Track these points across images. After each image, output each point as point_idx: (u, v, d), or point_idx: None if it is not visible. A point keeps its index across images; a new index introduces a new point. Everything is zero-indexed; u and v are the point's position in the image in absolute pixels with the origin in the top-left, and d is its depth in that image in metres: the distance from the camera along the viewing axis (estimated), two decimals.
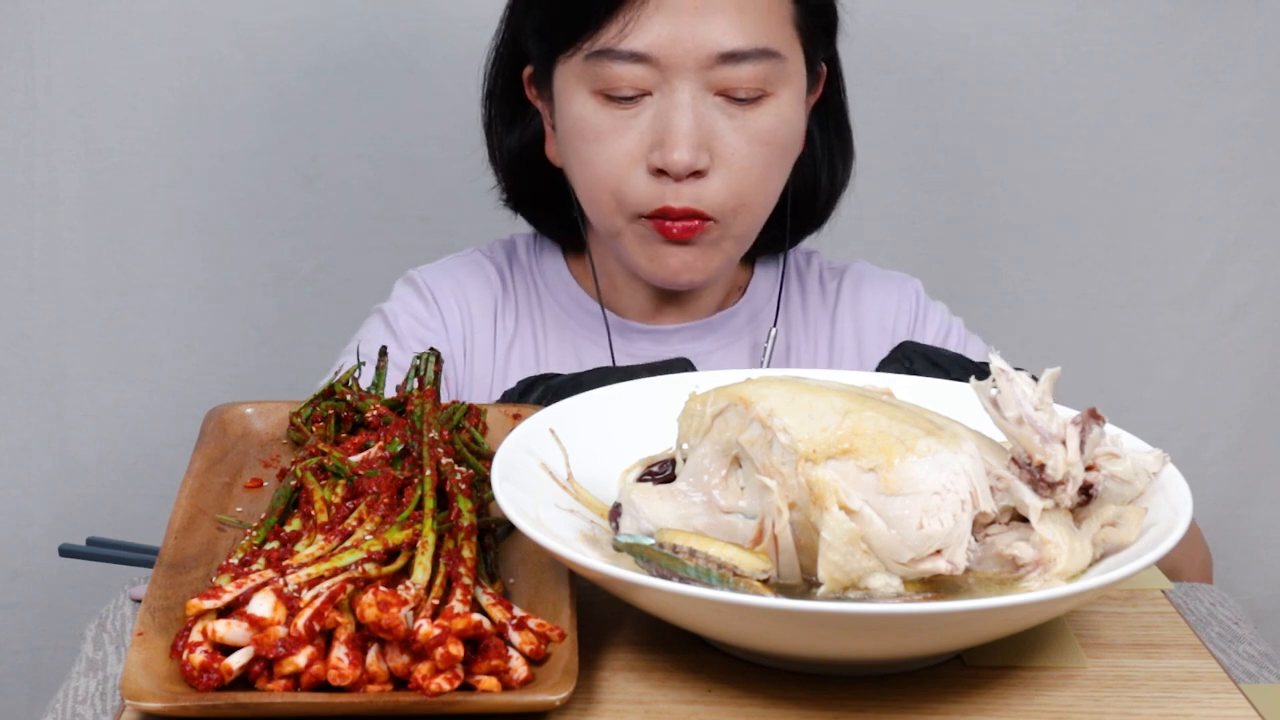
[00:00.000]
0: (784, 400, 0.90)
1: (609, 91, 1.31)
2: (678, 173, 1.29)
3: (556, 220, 1.48)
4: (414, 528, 0.89)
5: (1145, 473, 0.93)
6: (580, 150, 1.34)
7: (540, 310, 1.46)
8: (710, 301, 1.47)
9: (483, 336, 1.45)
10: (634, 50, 1.29)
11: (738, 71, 1.30)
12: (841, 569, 0.86)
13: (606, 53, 1.30)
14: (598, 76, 1.31)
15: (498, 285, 1.48)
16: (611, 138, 1.31)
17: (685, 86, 1.29)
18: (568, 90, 1.34)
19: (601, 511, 0.97)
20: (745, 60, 1.30)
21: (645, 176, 1.31)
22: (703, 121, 1.30)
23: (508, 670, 0.81)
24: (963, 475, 0.87)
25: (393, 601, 0.80)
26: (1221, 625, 1.68)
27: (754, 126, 1.32)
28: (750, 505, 0.91)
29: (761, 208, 1.36)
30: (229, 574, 0.86)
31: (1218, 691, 0.86)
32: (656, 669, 0.87)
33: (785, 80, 1.33)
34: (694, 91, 1.29)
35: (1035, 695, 0.85)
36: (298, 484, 0.98)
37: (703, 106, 1.30)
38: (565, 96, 1.35)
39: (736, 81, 1.30)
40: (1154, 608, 0.96)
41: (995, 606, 0.80)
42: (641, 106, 1.31)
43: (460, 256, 1.53)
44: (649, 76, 1.30)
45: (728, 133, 1.31)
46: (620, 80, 1.30)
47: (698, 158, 1.29)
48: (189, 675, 0.79)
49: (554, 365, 1.44)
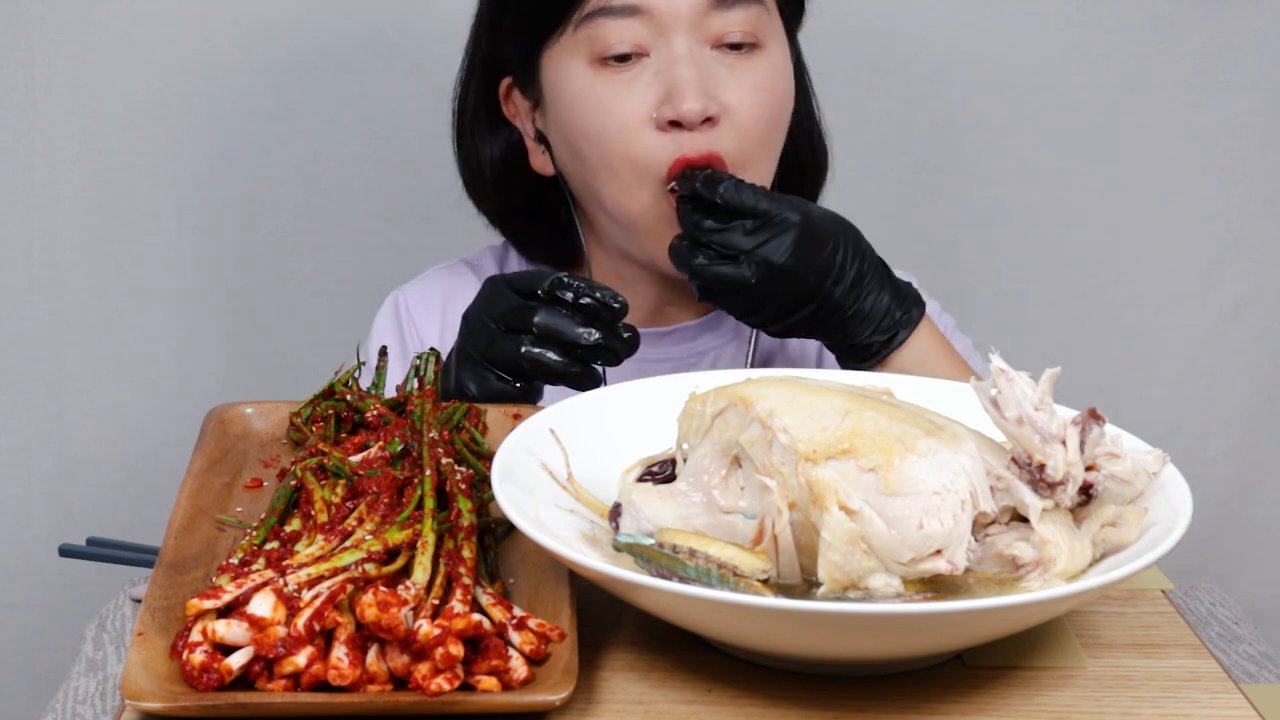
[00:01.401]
0: (784, 400, 0.90)
1: (605, 53, 1.31)
2: (691, 121, 1.30)
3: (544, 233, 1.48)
4: (414, 528, 0.89)
5: (1145, 473, 0.93)
6: (586, 126, 1.34)
7: None
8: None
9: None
10: (627, 3, 1.29)
11: (729, 17, 1.32)
12: (841, 569, 0.86)
13: (599, 11, 1.30)
14: (593, 40, 1.31)
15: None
16: (616, 104, 1.32)
17: (681, 39, 1.30)
18: (561, 70, 1.34)
19: (601, 511, 0.97)
20: (735, 4, 1.31)
21: (656, 134, 1.31)
22: (705, 71, 1.30)
23: (508, 670, 0.81)
24: (963, 475, 0.87)
25: (393, 601, 0.80)
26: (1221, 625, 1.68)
27: (753, 75, 1.33)
28: (750, 505, 0.91)
29: (766, 166, 1.36)
30: (229, 574, 0.86)
31: (1218, 691, 0.86)
32: (656, 669, 0.87)
33: (773, 33, 1.36)
34: (690, 44, 1.31)
35: (1035, 695, 0.85)
36: (298, 484, 0.98)
37: (701, 58, 1.31)
38: (560, 78, 1.34)
39: (729, 26, 1.32)
40: (1154, 608, 0.96)
41: (995, 606, 0.80)
42: (639, 67, 1.31)
43: (446, 268, 1.54)
44: (644, 32, 1.30)
45: (729, 81, 1.32)
46: (616, 37, 1.30)
47: (707, 105, 1.30)
48: (189, 675, 0.80)
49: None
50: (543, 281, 1.17)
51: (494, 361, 1.19)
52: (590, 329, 1.16)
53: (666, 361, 1.43)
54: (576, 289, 1.16)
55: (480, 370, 1.19)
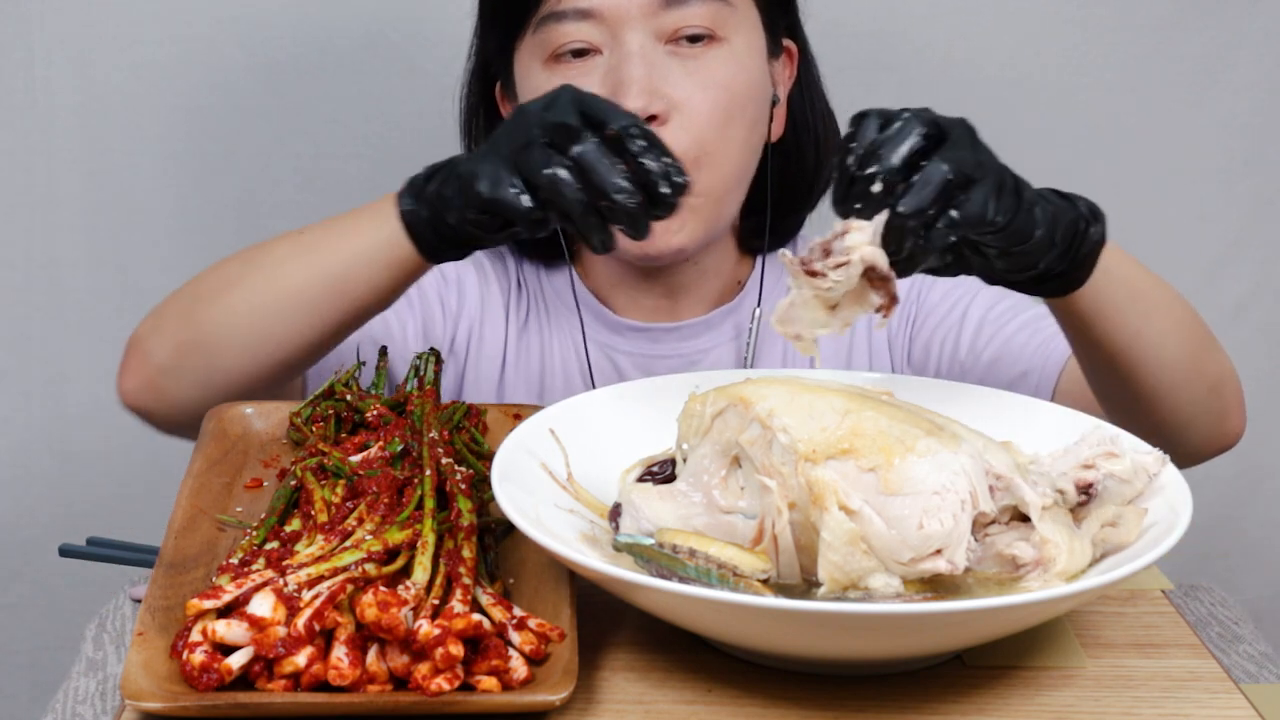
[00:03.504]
0: (784, 400, 0.90)
1: (558, 52, 1.31)
2: None
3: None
4: (414, 528, 0.89)
5: (1145, 472, 0.94)
6: None
7: (544, 306, 1.47)
8: (708, 297, 1.46)
9: (493, 321, 1.45)
10: (578, 8, 1.30)
11: (684, 11, 1.31)
12: (841, 569, 0.86)
13: (552, 15, 1.31)
14: (547, 43, 1.32)
15: (514, 275, 1.48)
16: None
17: (633, 36, 1.30)
18: (524, 70, 1.35)
19: (601, 511, 0.97)
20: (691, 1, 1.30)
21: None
22: (654, 69, 1.30)
23: (508, 670, 0.81)
24: (963, 475, 0.87)
25: (393, 601, 0.80)
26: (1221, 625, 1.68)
27: (707, 71, 1.32)
28: (750, 505, 0.91)
29: (728, 162, 1.35)
30: (229, 574, 0.86)
31: (1218, 691, 0.86)
32: (656, 669, 0.87)
33: (737, 28, 1.34)
34: (643, 40, 1.30)
35: (1035, 695, 0.86)
36: (298, 484, 0.98)
37: (653, 55, 1.31)
38: (522, 77, 1.36)
39: (684, 21, 1.31)
40: (1154, 608, 0.96)
41: (995, 606, 0.80)
42: (592, 65, 1.31)
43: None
44: (596, 33, 1.31)
45: (681, 78, 1.31)
46: (568, 37, 1.31)
47: (650, 103, 1.29)
48: (189, 675, 0.80)
49: (556, 361, 1.44)
50: (615, 120, 1.01)
51: (519, 166, 1.03)
52: (633, 192, 0.98)
53: (670, 358, 1.44)
54: (645, 146, 1.00)
55: (500, 169, 1.03)
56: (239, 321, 1.16)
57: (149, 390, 1.20)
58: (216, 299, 1.17)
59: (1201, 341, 1.21)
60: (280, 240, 1.19)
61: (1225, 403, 1.25)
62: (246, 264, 1.19)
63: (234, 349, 1.16)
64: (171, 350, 1.18)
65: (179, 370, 1.18)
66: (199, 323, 1.18)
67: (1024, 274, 1.02)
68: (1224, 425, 1.26)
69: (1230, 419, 1.27)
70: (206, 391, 1.17)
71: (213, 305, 1.17)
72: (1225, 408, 1.25)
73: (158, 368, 1.19)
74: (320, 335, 1.16)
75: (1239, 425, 1.29)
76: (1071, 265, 1.04)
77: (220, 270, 1.20)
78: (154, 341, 1.20)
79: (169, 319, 1.21)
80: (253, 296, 1.16)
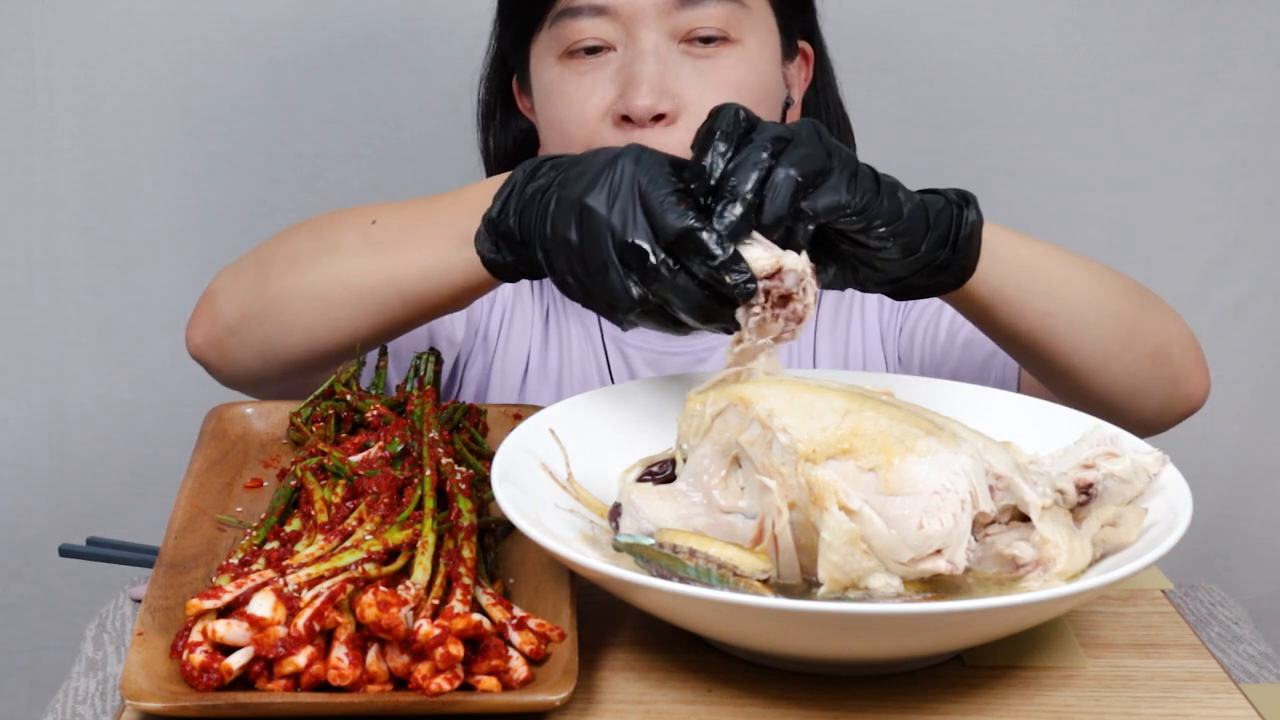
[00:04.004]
0: (784, 400, 0.90)
1: (572, 48, 1.32)
2: (640, 117, 1.29)
3: None
4: (414, 528, 0.89)
5: (1145, 472, 0.94)
6: (552, 117, 1.35)
7: (559, 297, 1.47)
8: None
9: (524, 309, 1.46)
10: (594, 4, 1.30)
11: (698, 12, 1.31)
12: (841, 569, 0.86)
13: (568, 11, 1.31)
14: (562, 38, 1.32)
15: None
16: (578, 96, 1.32)
17: (647, 35, 1.30)
18: (539, 64, 1.36)
19: (601, 511, 0.97)
20: (706, 1, 1.30)
21: (612, 129, 1.32)
22: (666, 68, 1.31)
23: (508, 670, 0.81)
24: (963, 475, 0.87)
25: (393, 601, 0.80)
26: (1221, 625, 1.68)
27: (719, 72, 1.32)
28: (750, 505, 0.91)
29: None
30: (229, 574, 0.86)
31: (1218, 692, 0.86)
32: (656, 669, 0.87)
33: (751, 29, 1.34)
34: (656, 40, 1.31)
35: (1035, 695, 0.85)
36: (298, 484, 0.98)
37: (666, 53, 1.31)
38: (537, 71, 1.37)
39: (699, 22, 1.31)
40: (1154, 608, 0.96)
41: (995, 606, 0.80)
42: (605, 61, 1.32)
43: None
44: (611, 30, 1.31)
45: (693, 77, 1.31)
46: (582, 34, 1.31)
47: (659, 101, 1.29)
48: (189, 675, 0.80)
49: (574, 354, 1.44)
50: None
51: (624, 260, 0.94)
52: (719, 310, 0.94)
53: (680, 354, 1.44)
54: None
55: (610, 258, 0.94)
56: (303, 305, 1.15)
57: (214, 347, 1.21)
58: (285, 276, 1.16)
59: (1133, 311, 1.19)
60: (351, 227, 1.16)
61: (1174, 368, 1.22)
62: (319, 244, 1.17)
63: (297, 329, 1.16)
64: (239, 313, 1.19)
65: (244, 333, 1.19)
66: (266, 295, 1.17)
67: (914, 266, 1.01)
68: (1179, 390, 1.24)
69: (1186, 383, 1.24)
70: (266, 361, 1.18)
71: (281, 281, 1.16)
72: (1175, 373, 1.22)
73: (225, 326, 1.20)
74: (383, 332, 1.16)
75: (1199, 388, 1.26)
76: (955, 252, 1.03)
77: (292, 242, 1.19)
78: (224, 299, 1.20)
79: (243, 279, 1.20)
80: (320, 283, 1.15)
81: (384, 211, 1.16)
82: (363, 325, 1.15)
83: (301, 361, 1.18)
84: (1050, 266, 1.15)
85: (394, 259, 1.12)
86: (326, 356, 1.17)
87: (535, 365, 1.45)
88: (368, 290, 1.13)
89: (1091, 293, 1.17)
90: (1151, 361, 1.20)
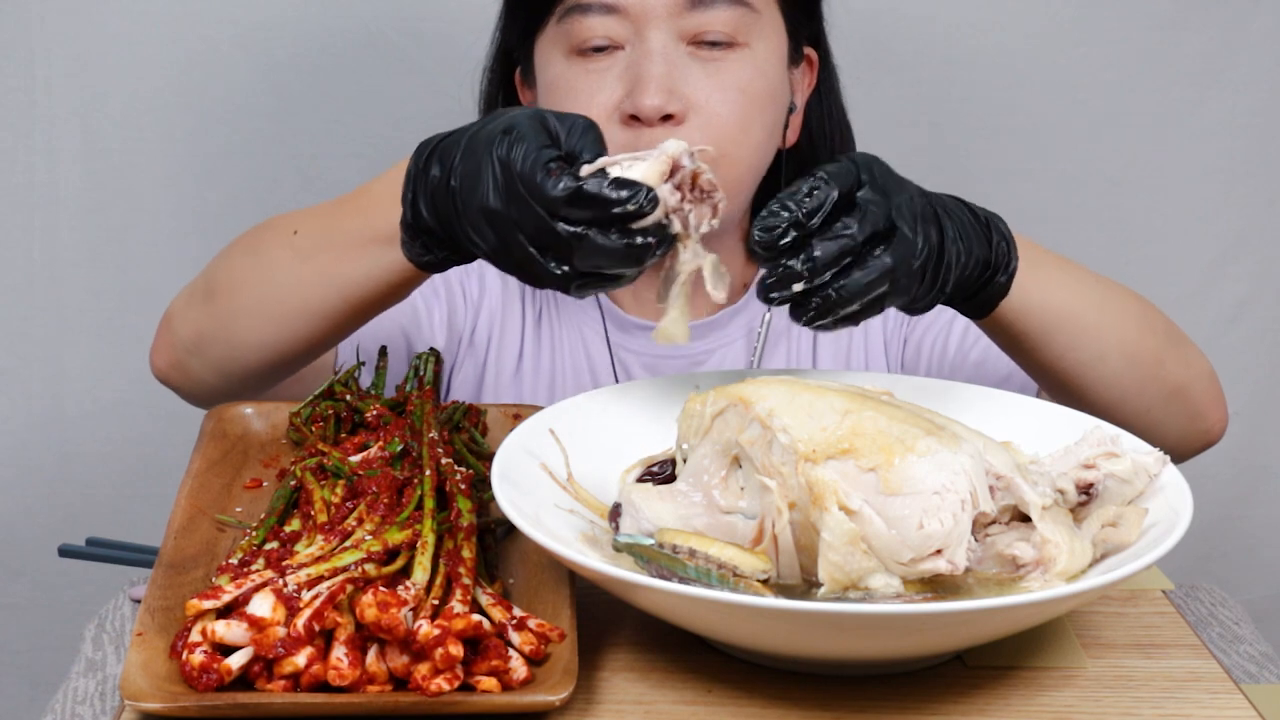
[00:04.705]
0: (784, 400, 0.89)
1: (581, 46, 1.32)
2: (649, 117, 1.29)
3: None
4: (414, 528, 0.89)
5: (1145, 472, 0.93)
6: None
7: (555, 302, 1.47)
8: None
9: (513, 315, 1.46)
10: (604, 2, 1.30)
11: (708, 16, 1.31)
12: (841, 569, 0.86)
13: (578, 7, 1.31)
14: (570, 35, 1.32)
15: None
16: (585, 94, 1.32)
17: (656, 35, 1.30)
18: (545, 59, 1.36)
19: (601, 511, 0.97)
20: (715, 4, 1.30)
21: (619, 128, 1.31)
22: (674, 68, 1.30)
23: (508, 670, 0.81)
24: (963, 475, 0.87)
25: (393, 602, 0.80)
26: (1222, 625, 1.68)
27: (727, 74, 1.32)
28: (750, 505, 0.91)
29: (744, 163, 1.35)
30: (229, 574, 0.86)
31: (1218, 692, 0.86)
32: (656, 669, 0.87)
33: (760, 34, 1.34)
34: (665, 40, 1.31)
35: (1035, 695, 0.85)
36: (298, 484, 0.98)
37: (675, 54, 1.31)
38: (543, 66, 1.36)
39: (707, 24, 1.31)
40: (1154, 608, 0.96)
41: (995, 606, 0.80)
42: (614, 59, 1.32)
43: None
44: (620, 28, 1.31)
45: (700, 79, 1.31)
46: (591, 32, 1.31)
47: (668, 101, 1.29)
48: (189, 675, 0.79)
49: (565, 358, 1.44)
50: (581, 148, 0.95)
51: (540, 246, 0.96)
52: (633, 263, 0.94)
53: (676, 358, 1.44)
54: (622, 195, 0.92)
55: (521, 245, 0.96)
56: (252, 322, 1.16)
57: (176, 369, 1.23)
58: (229, 296, 1.18)
59: (1157, 350, 1.21)
60: (275, 243, 1.17)
61: (1193, 405, 1.24)
62: (254, 260, 1.18)
63: (251, 344, 1.17)
64: (194, 335, 1.20)
65: (202, 354, 1.20)
66: (216, 315, 1.19)
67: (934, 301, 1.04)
68: (1196, 425, 1.25)
69: (1203, 419, 1.26)
70: (228, 377, 1.20)
71: (227, 301, 1.18)
72: (1194, 410, 1.24)
73: (184, 349, 1.21)
74: (337, 331, 1.17)
75: (1216, 424, 1.27)
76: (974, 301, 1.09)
77: (230, 261, 1.21)
78: (178, 323, 1.22)
79: (193, 303, 1.22)
80: (264, 300, 1.16)
81: (301, 220, 1.17)
82: (315, 331, 1.15)
83: (262, 373, 1.19)
84: (1080, 314, 1.16)
85: (326, 270, 1.13)
86: (286, 365, 1.19)
87: (528, 369, 1.45)
88: (311, 300, 1.14)
89: (1120, 339, 1.18)
90: (1170, 399, 1.22)
